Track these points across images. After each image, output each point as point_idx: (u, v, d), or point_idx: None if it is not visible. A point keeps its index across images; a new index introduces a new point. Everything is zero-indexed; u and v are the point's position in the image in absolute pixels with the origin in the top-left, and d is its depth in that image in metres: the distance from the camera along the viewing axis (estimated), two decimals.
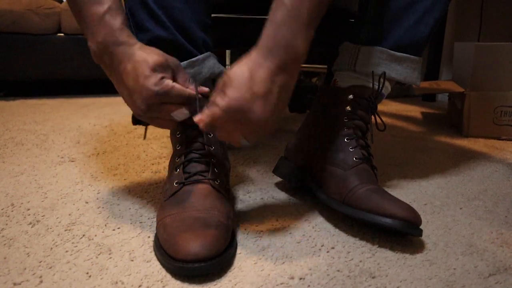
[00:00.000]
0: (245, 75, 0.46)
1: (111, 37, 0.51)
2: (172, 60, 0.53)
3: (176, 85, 0.52)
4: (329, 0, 0.49)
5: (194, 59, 0.58)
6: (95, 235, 0.56)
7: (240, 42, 0.90)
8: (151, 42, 0.56)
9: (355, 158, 0.62)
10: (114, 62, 0.52)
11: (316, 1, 0.47)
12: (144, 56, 0.50)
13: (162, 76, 0.51)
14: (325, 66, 1.98)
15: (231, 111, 0.47)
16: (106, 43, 0.51)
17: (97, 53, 0.52)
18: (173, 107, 0.53)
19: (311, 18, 0.47)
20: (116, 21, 0.51)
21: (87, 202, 0.67)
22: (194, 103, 0.54)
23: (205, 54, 0.60)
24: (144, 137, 0.65)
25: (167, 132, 1.18)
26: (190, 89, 0.54)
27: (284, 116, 1.47)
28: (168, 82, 0.51)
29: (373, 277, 0.47)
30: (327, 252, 0.52)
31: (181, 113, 0.54)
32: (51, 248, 0.52)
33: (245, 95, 0.46)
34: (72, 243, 0.53)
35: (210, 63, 0.60)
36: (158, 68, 0.50)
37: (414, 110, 1.66)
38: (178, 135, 0.60)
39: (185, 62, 0.58)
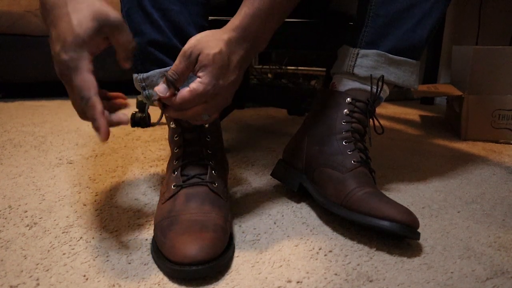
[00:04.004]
0: (225, 61, 0.50)
1: None
2: (112, 19, 0.45)
3: (84, 76, 0.44)
4: (286, 5, 0.55)
5: None
6: (93, 238, 0.55)
7: None
8: (148, 45, 0.56)
9: (354, 161, 0.62)
10: (51, 11, 0.45)
11: (274, 2, 0.53)
12: (71, 20, 0.43)
13: (81, 48, 0.43)
14: (324, 69, 1.99)
15: (206, 96, 0.50)
16: None
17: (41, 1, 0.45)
18: (73, 94, 0.46)
19: (280, 13, 0.54)
20: None
21: (84, 205, 0.67)
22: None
23: None
24: (158, 121, 0.60)
25: (165, 134, 1.18)
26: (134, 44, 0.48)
27: (282, 119, 1.47)
28: (84, 61, 0.44)
29: (371, 281, 0.47)
30: (325, 255, 0.52)
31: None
32: (48, 251, 0.52)
33: (220, 82, 0.51)
34: (70, 245, 0.53)
35: None
36: (83, 36, 0.43)
37: (412, 113, 1.67)
38: (176, 137, 0.60)
39: None
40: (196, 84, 0.50)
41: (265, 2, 0.52)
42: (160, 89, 0.50)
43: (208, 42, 0.50)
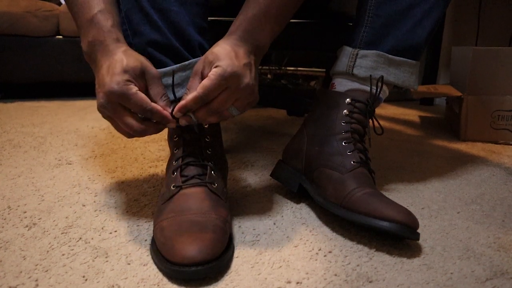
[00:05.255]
0: (229, 50, 0.52)
1: (100, 37, 0.53)
2: (151, 71, 0.53)
3: (139, 94, 0.51)
4: (295, 2, 0.57)
5: (186, 62, 0.58)
6: (92, 238, 0.55)
7: None
8: (147, 45, 0.56)
9: (353, 162, 0.62)
10: (97, 59, 0.53)
11: (284, 2, 0.55)
12: (121, 58, 0.51)
13: (129, 80, 0.51)
14: (323, 70, 1.99)
15: (226, 78, 0.51)
16: (94, 42, 0.53)
17: (87, 52, 0.54)
18: (127, 115, 0.52)
19: (278, 16, 0.56)
20: (107, 22, 0.54)
21: (84, 205, 0.67)
22: (156, 118, 0.53)
23: (199, 57, 0.59)
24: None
25: (165, 134, 1.18)
26: (158, 107, 0.53)
27: (282, 120, 1.47)
28: (132, 87, 0.51)
29: (370, 282, 0.47)
30: (324, 256, 0.52)
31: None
32: (48, 251, 0.52)
33: (235, 62, 0.51)
34: (69, 246, 0.53)
35: None
36: (130, 71, 0.51)
37: (411, 114, 1.67)
38: (175, 138, 0.60)
39: (176, 65, 0.58)
40: (213, 70, 0.52)
41: (261, 7, 0.54)
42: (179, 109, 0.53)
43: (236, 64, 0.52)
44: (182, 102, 0.53)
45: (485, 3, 1.75)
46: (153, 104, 0.52)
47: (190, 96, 0.52)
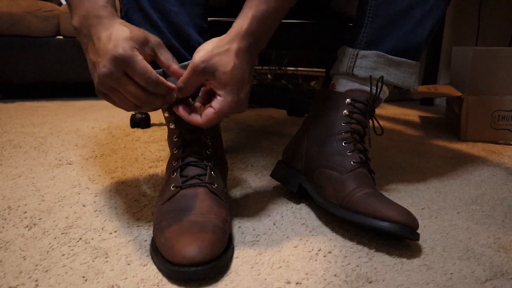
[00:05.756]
0: (240, 74, 0.52)
1: (93, 11, 0.50)
2: (154, 38, 0.52)
3: (145, 62, 0.49)
4: (288, 5, 0.55)
5: (185, 63, 0.58)
6: (92, 239, 0.55)
7: None
8: None
9: (353, 162, 0.62)
10: (90, 32, 0.50)
11: (279, 4, 0.54)
12: (123, 27, 0.49)
13: (134, 47, 0.48)
14: (324, 70, 1.99)
15: (233, 110, 0.53)
16: (87, 16, 0.50)
17: (78, 28, 0.51)
18: (132, 84, 0.49)
19: (283, 14, 0.55)
20: None
21: (84, 205, 0.67)
22: (163, 91, 0.51)
23: None
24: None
25: (165, 135, 1.18)
26: (173, 68, 0.53)
27: (282, 120, 1.47)
28: (138, 53, 0.49)
29: (370, 282, 0.47)
30: (324, 256, 0.52)
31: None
32: (48, 252, 0.52)
33: (244, 94, 0.54)
34: (69, 246, 0.53)
35: None
36: (134, 39, 0.49)
37: (412, 114, 1.67)
38: (175, 138, 0.60)
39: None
40: (220, 104, 0.52)
41: (271, 5, 0.53)
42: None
43: (221, 56, 0.51)
44: (185, 115, 0.55)
45: (485, 3, 1.74)
46: (158, 75, 0.50)
47: (193, 119, 0.54)
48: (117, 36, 0.48)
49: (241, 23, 0.53)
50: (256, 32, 0.53)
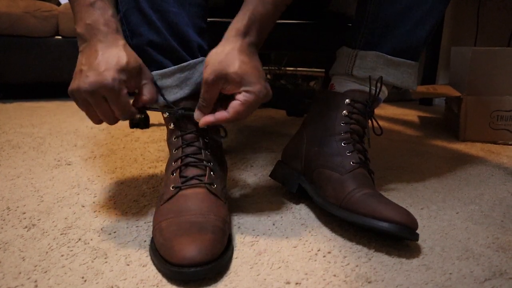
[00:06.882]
0: (251, 66, 0.53)
1: (100, 23, 0.52)
2: (148, 73, 0.56)
3: (126, 98, 0.52)
4: (285, 6, 0.56)
5: (184, 64, 0.58)
6: (91, 239, 0.55)
7: None
8: (146, 46, 0.56)
9: (352, 162, 0.62)
10: (92, 42, 0.52)
11: (276, 5, 0.54)
12: (123, 54, 0.51)
13: (125, 80, 0.51)
14: (323, 70, 1.99)
15: (258, 103, 0.54)
16: (93, 26, 0.51)
17: (81, 34, 0.52)
18: (106, 105, 0.52)
19: (273, 17, 0.56)
20: (108, 11, 0.53)
21: (83, 206, 0.67)
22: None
23: (198, 59, 0.59)
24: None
25: (164, 135, 1.18)
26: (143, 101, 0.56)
27: (281, 120, 1.47)
28: (124, 88, 0.52)
29: (369, 282, 0.47)
30: (324, 256, 0.52)
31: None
32: (47, 252, 0.52)
33: (263, 83, 0.54)
34: (68, 247, 0.53)
35: (202, 68, 0.60)
36: (128, 71, 0.51)
37: (411, 114, 1.67)
38: (174, 139, 0.60)
39: (174, 67, 0.58)
40: (244, 95, 0.53)
41: (268, 7, 0.54)
42: (196, 115, 0.56)
43: (226, 60, 0.52)
44: (210, 119, 0.55)
45: (484, 4, 1.75)
46: (133, 108, 0.54)
47: (220, 117, 0.54)
48: (113, 62, 0.50)
49: (238, 25, 0.54)
50: (254, 32, 0.54)
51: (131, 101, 0.55)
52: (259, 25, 0.54)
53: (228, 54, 0.52)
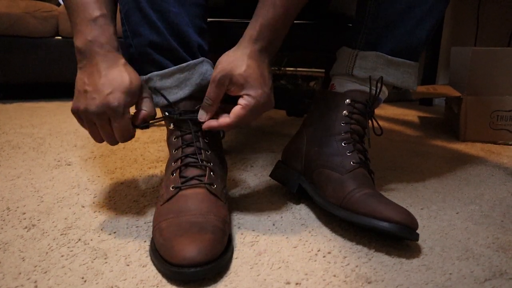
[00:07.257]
0: (257, 72, 0.54)
1: (101, 40, 0.53)
2: (145, 89, 0.57)
3: (129, 120, 0.54)
4: (296, 10, 0.57)
5: (184, 64, 0.58)
6: (91, 240, 0.55)
7: None
8: (146, 46, 0.57)
9: (353, 162, 0.62)
10: (93, 59, 0.53)
11: (286, 10, 0.55)
12: (127, 75, 0.53)
13: (130, 103, 0.53)
14: (323, 71, 1.99)
15: (258, 108, 0.55)
16: (94, 42, 0.53)
17: (82, 49, 0.53)
18: (109, 129, 0.54)
19: (291, 20, 0.57)
20: (110, 28, 0.54)
21: (83, 206, 0.67)
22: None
23: (198, 59, 0.59)
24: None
25: (164, 135, 1.17)
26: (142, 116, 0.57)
27: (281, 120, 1.47)
28: (128, 111, 0.54)
29: (369, 282, 0.47)
30: (324, 257, 0.52)
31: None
32: (47, 253, 0.52)
33: (266, 90, 0.55)
34: (68, 247, 0.53)
35: (202, 69, 0.60)
36: (132, 92, 0.53)
37: (411, 114, 1.67)
38: (174, 139, 0.60)
39: (174, 67, 0.58)
40: (245, 100, 0.54)
41: (279, 11, 0.54)
42: (200, 114, 0.57)
43: (234, 62, 0.54)
44: (214, 124, 0.56)
45: (484, 4, 1.75)
46: (132, 132, 0.57)
47: (223, 122, 0.56)
48: (117, 84, 0.52)
49: (250, 32, 0.55)
50: (266, 38, 0.55)
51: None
52: (270, 30, 0.55)
53: (238, 57, 0.54)
